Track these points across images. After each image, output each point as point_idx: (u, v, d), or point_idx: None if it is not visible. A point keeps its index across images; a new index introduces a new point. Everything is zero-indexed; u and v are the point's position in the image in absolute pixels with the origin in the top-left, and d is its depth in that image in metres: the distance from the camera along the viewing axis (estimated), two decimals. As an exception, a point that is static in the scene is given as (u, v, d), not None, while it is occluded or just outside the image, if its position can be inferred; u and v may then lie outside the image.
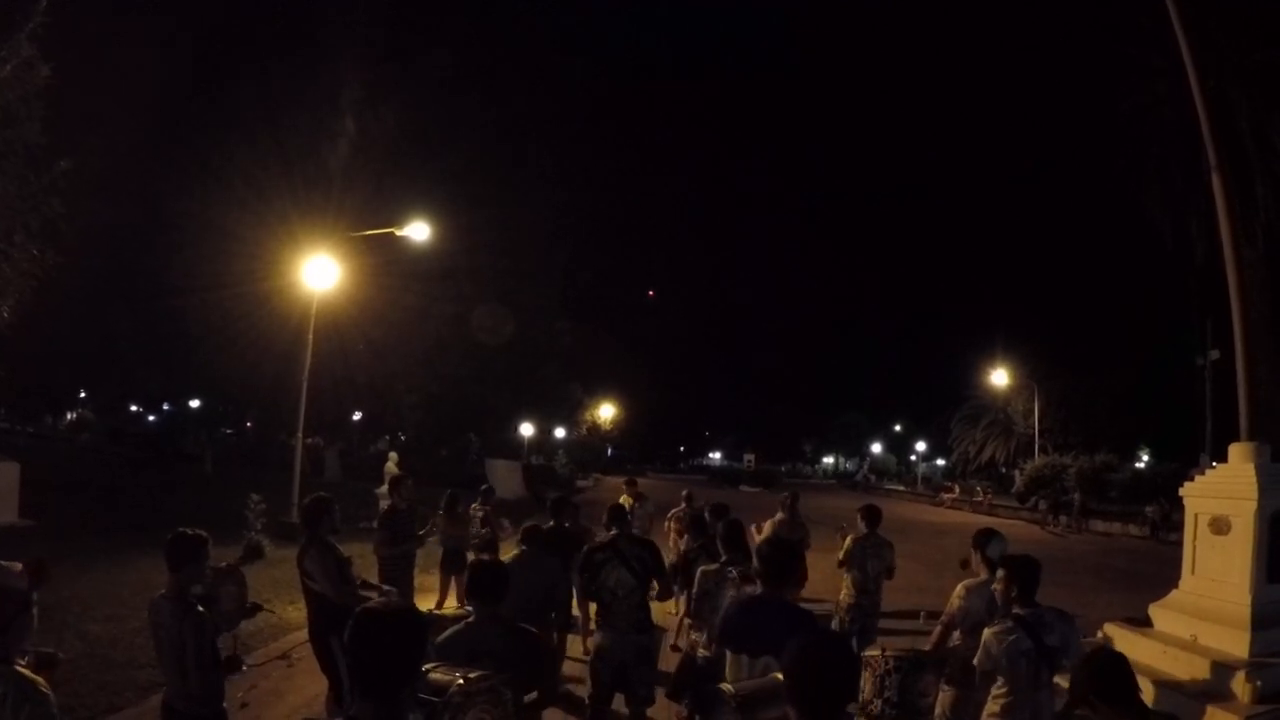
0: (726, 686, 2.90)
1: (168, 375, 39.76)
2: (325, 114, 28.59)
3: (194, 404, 58.66)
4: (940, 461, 73.63)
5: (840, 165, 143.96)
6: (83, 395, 61.51)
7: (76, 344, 36.64)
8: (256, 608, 4.53)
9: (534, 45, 40.06)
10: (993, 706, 3.99)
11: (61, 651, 3.40)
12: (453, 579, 9.58)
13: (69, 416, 64.64)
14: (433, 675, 2.61)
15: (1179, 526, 25.12)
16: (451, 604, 9.48)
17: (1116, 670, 2.88)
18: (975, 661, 4.06)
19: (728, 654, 3.72)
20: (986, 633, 4.04)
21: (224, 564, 4.35)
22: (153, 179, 28.55)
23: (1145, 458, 49.49)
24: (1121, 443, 43.40)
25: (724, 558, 5.28)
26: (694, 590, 5.26)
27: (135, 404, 66.03)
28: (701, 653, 5.29)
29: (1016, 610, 4.03)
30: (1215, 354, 28.25)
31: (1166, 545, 23.29)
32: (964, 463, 55.30)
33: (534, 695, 3.56)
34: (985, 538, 4.99)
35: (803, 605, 3.99)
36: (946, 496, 45.46)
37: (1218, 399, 28.59)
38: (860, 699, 3.43)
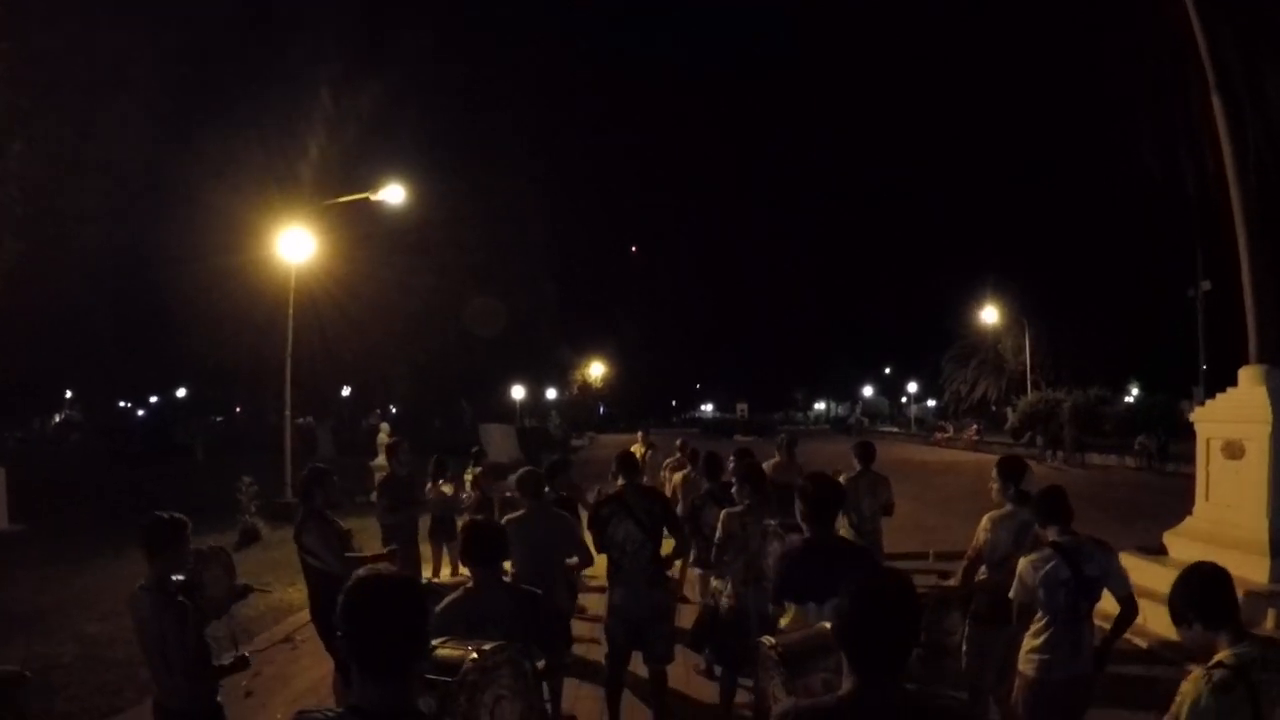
0: (768, 639, 2.66)
1: (150, 364, 39.26)
2: (301, 83, 27.86)
3: (180, 393, 58.17)
4: (932, 402, 73.83)
5: (827, 111, 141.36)
6: (69, 396, 60.67)
7: (56, 340, 35.98)
8: (247, 589, 4.19)
9: (513, 9, 39.21)
10: (1033, 641, 3.79)
11: (60, 654, 3.15)
12: (444, 547, 9.33)
13: (56, 418, 63.89)
14: (440, 652, 2.34)
15: (1175, 457, 25.23)
16: (446, 573, 9.26)
17: (1221, 588, 2.55)
18: (1011, 594, 3.86)
19: (791, 608, 3.51)
20: (1022, 562, 3.85)
21: (206, 546, 3.99)
22: (126, 154, 27.74)
23: (1135, 391, 49.77)
24: (1113, 377, 43.57)
25: (748, 501, 4.98)
26: (719, 535, 4.99)
27: (122, 400, 65.32)
28: (725, 601, 5.05)
29: (1053, 538, 3.84)
30: (1207, 285, 28.17)
31: (1164, 476, 23.47)
32: (956, 402, 55.44)
33: (543, 663, 3.35)
34: (1020, 470, 4.77)
35: None
36: (940, 436, 45.74)
37: (1209, 330, 28.61)
38: None
